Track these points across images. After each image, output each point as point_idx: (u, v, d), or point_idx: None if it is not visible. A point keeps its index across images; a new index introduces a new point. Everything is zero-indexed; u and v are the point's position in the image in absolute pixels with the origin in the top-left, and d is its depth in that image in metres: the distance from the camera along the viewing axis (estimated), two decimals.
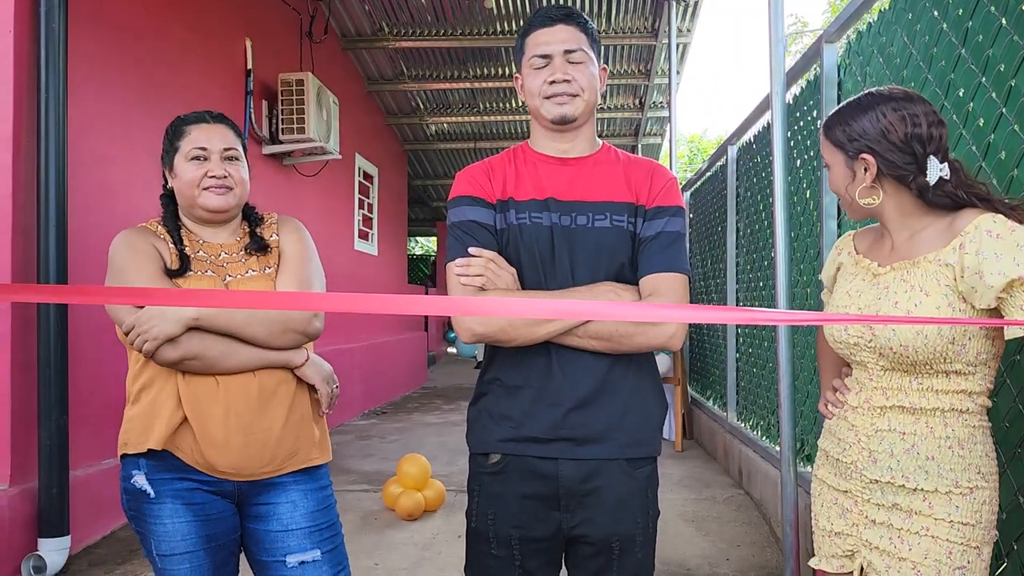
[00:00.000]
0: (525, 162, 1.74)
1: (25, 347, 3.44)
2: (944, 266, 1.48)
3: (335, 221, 8.00)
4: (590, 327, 1.58)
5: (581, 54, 1.67)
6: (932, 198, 1.53)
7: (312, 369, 1.86)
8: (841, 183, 1.63)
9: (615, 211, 1.66)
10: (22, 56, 3.45)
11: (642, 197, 1.69)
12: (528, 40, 1.71)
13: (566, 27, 1.68)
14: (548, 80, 1.66)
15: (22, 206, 3.43)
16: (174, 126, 1.87)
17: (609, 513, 1.65)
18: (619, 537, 1.66)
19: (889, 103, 1.55)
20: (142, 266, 1.73)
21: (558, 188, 1.68)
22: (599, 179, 1.70)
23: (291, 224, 1.95)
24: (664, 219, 1.67)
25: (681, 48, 8.44)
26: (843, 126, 1.59)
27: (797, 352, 3.84)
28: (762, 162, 4.70)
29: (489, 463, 1.69)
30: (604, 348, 1.61)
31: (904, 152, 1.52)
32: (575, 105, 1.67)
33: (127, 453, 1.78)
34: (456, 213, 1.69)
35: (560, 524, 1.66)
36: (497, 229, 1.68)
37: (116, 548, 3.76)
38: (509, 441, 1.66)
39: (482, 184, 1.70)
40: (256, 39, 5.92)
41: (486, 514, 1.69)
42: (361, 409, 8.45)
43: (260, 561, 1.85)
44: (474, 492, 1.73)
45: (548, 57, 1.67)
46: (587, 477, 1.64)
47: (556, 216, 1.66)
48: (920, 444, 1.52)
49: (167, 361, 1.68)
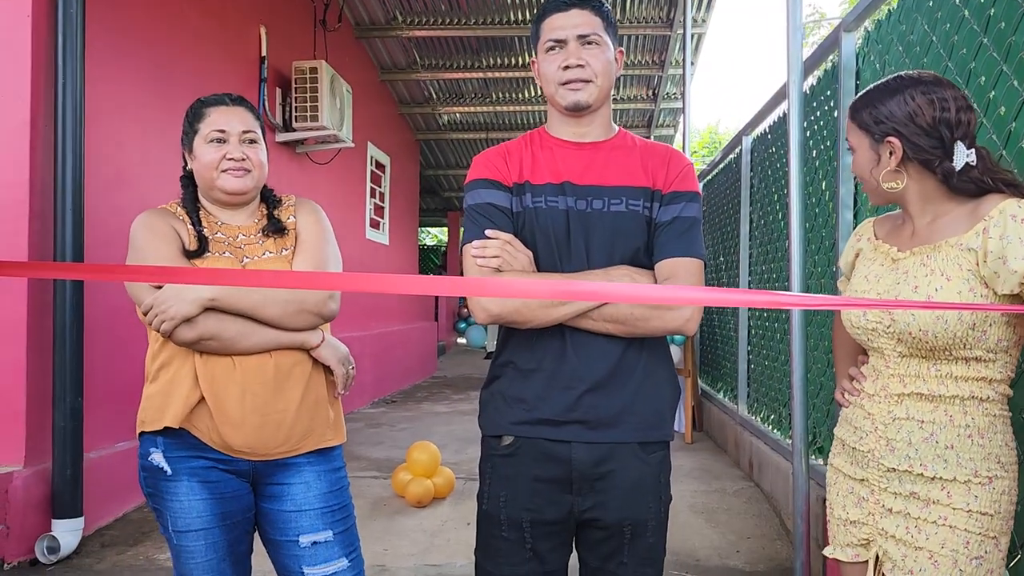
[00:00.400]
0: (542, 147, 1.74)
1: (41, 330, 3.47)
2: (966, 251, 1.47)
3: (347, 210, 8.01)
4: (605, 310, 1.58)
5: (596, 38, 1.66)
6: (957, 184, 1.51)
7: (328, 350, 1.86)
8: (865, 167, 1.61)
9: (631, 195, 1.66)
10: (40, 42, 3.46)
11: (659, 182, 1.68)
12: (543, 25, 1.70)
13: (580, 11, 1.67)
14: (562, 66, 1.66)
15: (39, 191, 3.45)
16: (194, 108, 1.88)
17: (621, 497, 1.64)
18: (631, 521, 1.66)
19: (918, 86, 1.53)
20: (161, 247, 1.74)
21: (574, 172, 1.68)
22: (615, 164, 1.70)
23: (309, 206, 1.96)
24: (681, 204, 1.67)
25: (696, 39, 8.40)
26: (870, 108, 1.58)
27: (810, 344, 3.82)
28: (777, 153, 4.67)
29: (502, 445, 1.69)
30: (619, 331, 1.61)
31: (931, 136, 1.50)
32: (589, 91, 1.67)
33: (145, 431, 1.79)
34: (473, 196, 1.69)
35: (572, 507, 1.66)
36: (513, 212, 1.67)
37: (129, 530, 3.78)
38: (522, 424, 1.66)
39: (498, 167, 1.70)
40: (270, 27, 5.92)
41: (498, 496, 1.69)
42: (371, 397, 8.47)
43: (273, 540, 1.87)
44: (486, 474, 1.73)
45: (562, 42, 1.66)
46: (600, 461, 1.64)
47: (572, 200, 1.66)
48: (939, 433, 1.51)
49: (184, 341, 1.69)
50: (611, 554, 1.68)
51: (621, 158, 1.71)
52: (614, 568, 1.68)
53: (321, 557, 1.83)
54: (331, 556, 1.84)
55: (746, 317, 5.55)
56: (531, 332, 1.65)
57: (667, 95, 10.11)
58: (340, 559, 1.86)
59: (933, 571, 1.49)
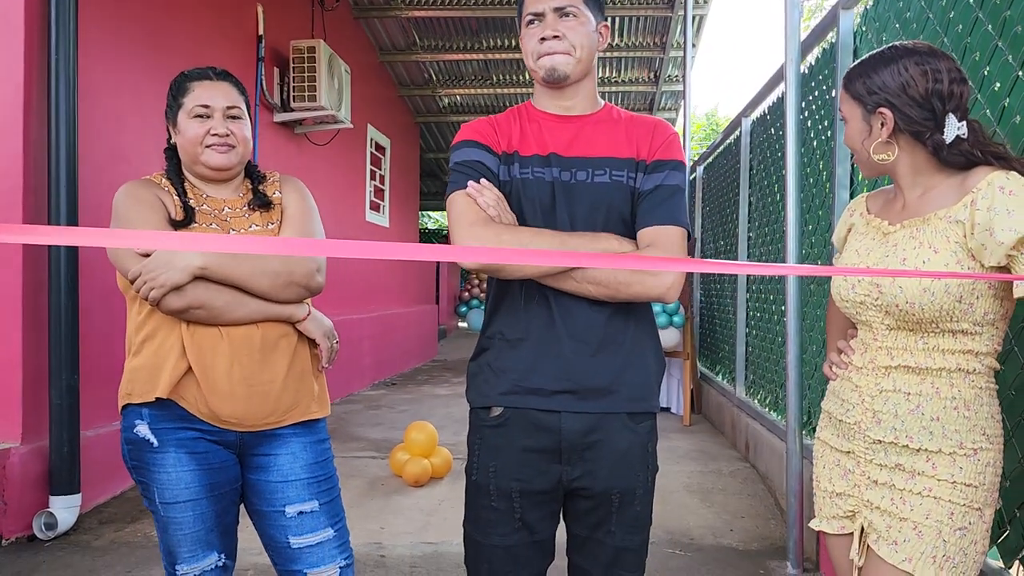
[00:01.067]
0: (529, 120, 1.74)
1: (36, 308, 3.47)
2: (954, 223, 1.46)
3: (346, 192, 8.00)
4: (588, 272, 1.58)
5: (573, 10, 1.65)
6: (947, 156, 1.50)
7: (313, 324, 1.88)
8: (857, 137, 1.60)
9: (615, 167, 1.66)
10: (33, 17, 3.45)
11: (643, 152, 1.68)
12: (525, 1, 1.70)
13: None
14: (539, 38, 1.66)
15: (33, 166, 3.44)
16: (177, 82, 1.87)
17: (610, 466, 1.65)
18: (619, 490, 1.66)
19: (912, 57, 1.52)
20: (146, 216, 1.73)
21: (560, 144, 1.69)
22: (600, 136, 1.70)
23: (293, 183, 1.97)
24: (664, 172, 1.66)
25: (697, 20, 8.36)
26: (863, 79, 1.57)
27: (806, 325, 3.82)
28: (776, 134, 4.66)
29: (491, 416, 1.69)
30: (601, 294, 1.60)
31: (923, 108, 1.49)
32: (566, 64, 1.66)
33: (131, 403, 1.79)
34: (461, 154, 1.69)
35: (560, 477, 1.66)
36: (500, 180, 1.68)
37: (126, 507, 3.81)
38: (511, 394, 1.66)
39: (487, 133, 1.71)
40: (268, 5, 5.89)
41: (487, 467, 1.69)
42: (371, 380, 8.49)
43: (259, 511, 1.88)
44: (474, 446, 1.73)
45: (540, 15, 1.66)
46: (589, 430, 1.64)
47: (557, 171, 1.66)
48: (925, 404, 1.51)
49: (172, 309, 1.69)
50: (599, 523, 1.69)
51: (606, 130, 1.71)
52: (601, 537, 1.69)
53: (307, 527, 1.85)
54: (317, 526, 1.86)
55: (744, 299, 5.55)
56: (518, 303, 1.65)
57: (669, 78, 10.07)
58: (326, 528, 1.87)
59: (917, 541, 1.49)
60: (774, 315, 4.70)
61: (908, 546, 1.50)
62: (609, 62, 9.86)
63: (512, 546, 1.68)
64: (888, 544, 1.53)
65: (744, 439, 5.07)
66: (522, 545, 1.68)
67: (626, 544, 1.69)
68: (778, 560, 3.25)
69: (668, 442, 5.53)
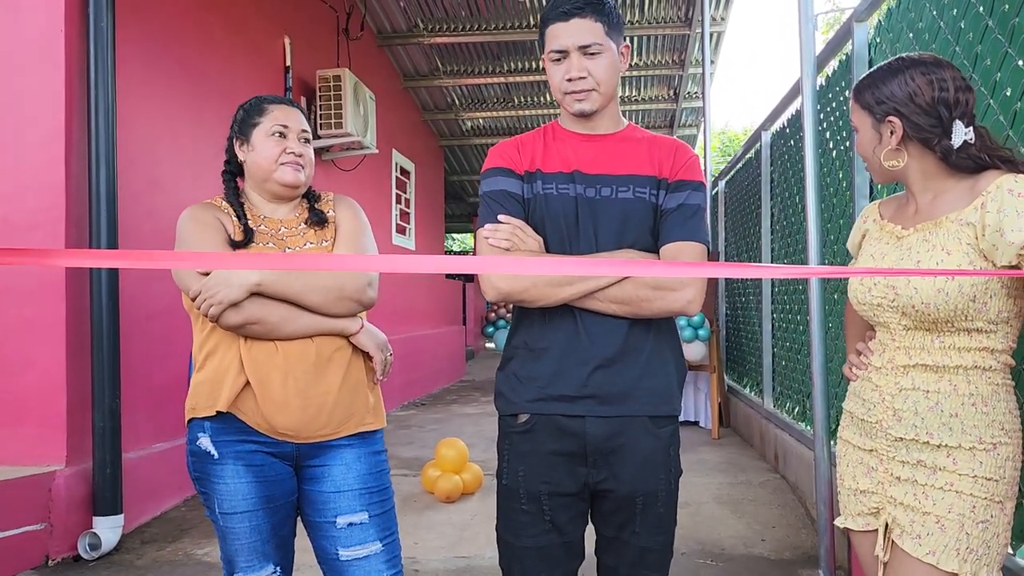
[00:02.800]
0: (555, 138, 1.82)
1: (79, 333, 3.59)
2: (965, 225, 1.51)
3: (373, 215, 8.10)
4: (610, 291, 1.65)
5: (597, 47, 1.70)
6: (955, 161, 1.56)
7: (366, 336, 1.95)
8: (868, 145, 1.67)
9: (638, 183, 1.73)
10: (72, 54, 3.60)
11: (664, 171, 1.75)
12: (547, 32, 1.75)
13: (581, 20, 1.70)
14: (565, 77, 1.72)
15: (75, 198, 3.58)
16: (253, 103, 1.97)
17: (633, 470, 1.71)
18: (642, 493, 1.72)
19: (918, 67, 1.59)
20: (207, 237, 1.83)
21: (584, 162, 1.75)
22: (624, 154, 1.77)
23: (347, 202, 2.07)
24: (686, 192, 1.74)
25: (715, 37, 8.42)
26: (872, 89, 1.64)
27: (831, 333, 3.84)
28: (795, 146, 4.70)
29: (518, 423, 1.76)
30: (624, 312, 1.68)
31: (930, 115, 1.56)
32: (592, 100, 1.74)
33: (195, 417, 1.87)
34: (487, 184, 1.78)
35: (586, 479, 1.73)
36: (524, 199, 1.75)
37: (167, 528, 3.90)
38: (537, 401, 1.73)
39: (511, 156, 1.78)
40: (294, 37, 6.05)
41: (516, 471, 1.76)
42: (400, 400, 8.57)
43: (313, 522, 1.93)
44: (504, 451, 1.80)
45: (564, 52, 1.71)
46: (613, 435, 1.70)
47: (581, 188, 1.73)
48: (944, 401, 1.56)
49: (230, 325, 1.78)
50: (624, 524, 1.74)
51: (629, 149, 1.78)
52: (627, 537, 1.75)
53: (356, 539, 1.89)
54: (365, 538, 1.89)
55: (769, 311, 5.56)
56: (542, 314, 1.72)
57: (688, 95, 10.14)
58: (374, 542, 1.90)
59: (940, 535, 1.53)
60: (799, 326, 4.72)
61: (931, 539, 1.54)
62: (629, 81, 9.95)
63: (544, 547, 1.74)
64: (912, 538, 1.56)
65: (773, 450, 5.07)
66: (553, 546, 1.74)
67: (650, 544, 1.75)
68: (810, 569, 3.26)
69: (697, 455, 5.54)
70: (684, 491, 4.52)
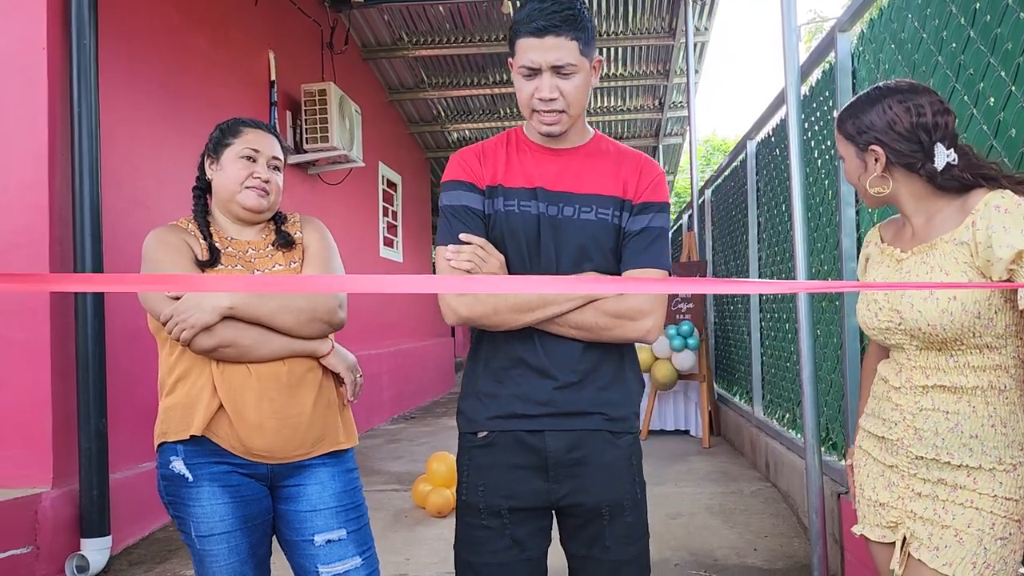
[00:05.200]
0: (518, 149, 1.76)
1: (64, 354, 3.56)
2: (960, 245, 1.54)
3: (360, 229, 8.11)
4: (571, 317, 1.64)
5: (571, 68, 1.63)
6: (941, 183, 1.59)
7: (336, 358, 1.95)
8: (854, 174, 1.71)
9: (601, 204, 1.70)
10: (55, 72, 3.57)
11: (629, 191, 1.72)
12: (517, 44, 1.66)
13: (556, 39, 1.61)
14: (536, 96, 1.65)
15: (58, 217, 3.55)
16: (230, 124, 1.97)
17: (596, 481, 1.69)
18: (607, 503, 1.70)
19: (895, 95, 1.62)
20: (174, 259, 1.82)
21: (547, 178, 1.72)
22: (588, 171, 1.73)
23: (313, 223, 2.07)
24: (650, 215, 1.71)
25: (699, 47, 8.47)
26: (852, 119, 1.67)
27: (820, 342, 3.85)
28: (780, 155, 4.72)
29: (478, 438, 1.74)
30: (583, 337, 1.67)
31: (911, 141, 1.59)
32: (561, 124, 1.68)
33: (166, 441, 1.85)
34: (449, 196, 1.73)
35: (549, 494, 1.70)
36: (485, 214, 1.72)
37: (155, 548, 3.86)
38: (496, 418, 1.71)
39: (473, 168, 1.74)
40: (279, 51, 6.04)
41: (476, 486, 1.73)
42: (390, 414, 8.54)
43: (290, 541, 1.93)
44: (464, 467, 1.77)
45: (536, 70, 1.64)
46: (572, 447, 1.69)
47: (544, 206, 1.69)
48: (964, 423, 1.57)
49: (203, 349, 1.77)
50: (593, 539, 1.72)
51: (595, 164, 1.74)
52: (598, 553, 1.71)
53: (335, 555, 1.89)
54: (345, 554, 1.90)
55: (758, 320, 5.58)
56: (503, 333, 1.70)
57: (673, 104, 10.19)
58: (354, 557, 1.91)
59: (958, 548, 1.54)
60: (788, 334, 4.73)
61: (949, 552, 1.55)
62: (614, 91, 9.99)
63: (504, 564, 1.71)
64: (929, 550, 1.58)
65: (764, 459, 5.07)
66: (514, 563, 1.71)
67: (622, 557, 1.71)
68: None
69: (688, 464, 5.54)
70: (676, 501, 4.53)
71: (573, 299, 1.63)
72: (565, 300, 1.63)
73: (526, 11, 1.64)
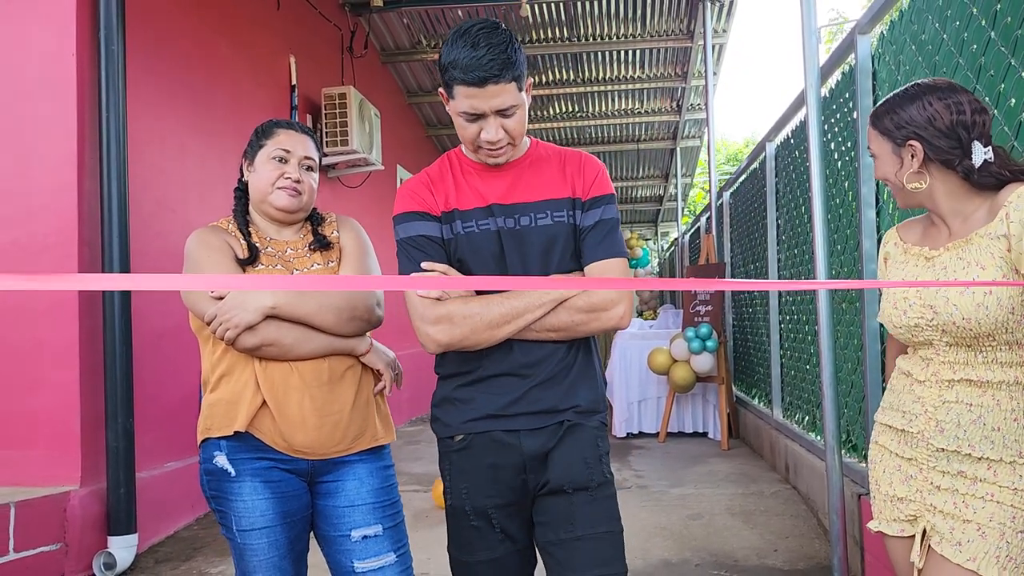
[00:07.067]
0: (463, 171, 1.80)
1: (93, 354, 3.62)
2: (996, 238, 1.55)
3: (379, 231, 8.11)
4: (546, 321, 1.68)
5: (512, 108, 1.66)
6: (977, 180, 1.60)
7: (375, 355, 2.00)
8: (890, 170, 1.71)
9: (555, 208, 1.75)
10: (84, 78, 3.64)
11: (578, 190, 1.77)
12: (456, 90, 1.64)
13: (496, 86, 1.61)
14: (484, 138, 1.67)
15: (87, 220, 3.61)
16: (265, 125, 2.01)
17: (563, 460, 1.73)
18: (571, 481, 1.72)
19: (935, 92, 1.63)
20: (217, 260, 1.87)
21: (498, 194, 1.76)
22: (536, 179, 1.78)
23: (349, 223, 2.11)
24: (601, 208, 1.76)
25: (717, 49, 8.47)
26: (891, 115, 1.68)
27: (840, 343, 3.85)
28: (800, 157, 4.72)
29: (455, 441, 1.78)
30: (559, 337, 1.72)
31: (950, 138, 1.60)
32: (508, 154, 1.73)
33: (210, 436, 1.89)
34: (405, 228, 1.76)
35: (527, 485, 1.75)
36: (444, 239, 1.75)
37: (180, 547, 3.91)
38: (472, 421, 1.75)
39: (425, 198, 1.77)
40: (299, 56, 6.11)
41: (460, 489, 1.78)
42: (408, 416, 8.58)
43: (327, 536, 1.96)
44: (445, 472, 1.82)
45: (480, 115, 1.65)
46: (546, 441, 1.74)
47: (501, 220, 1.73)
48: (987, 415, 1.59)
49: (246, 347, 1.81)
50: (560, 520, 1.72)
51: (540, 171, 1.79)
52: (564, 534, 1.71)
53: (371, 551, 1.93)
54: (380, 550, 1.94)
55: (777, 321, 5.57)
56: None
57: (691, 106, 10.18)
58: (388, 553, 1.95)
59: (981, 542, 1.56)
60: (807, 335, 4.73)
61: (972, 546, 1.57)
62: (632, 93, 10.00)
63: (498, 558, 1.77)
64: (952, 545, 1.59)
65: (784, 461, 5.07)
66: (508, 555, 1.78)
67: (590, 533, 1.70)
68: None
69: (707, 466, 5.54)
70: (695, 502, 4.54)
71: (544, 304, 1.67)
72: (537, 307, 1.67)
73: (462, 60, 1.60)
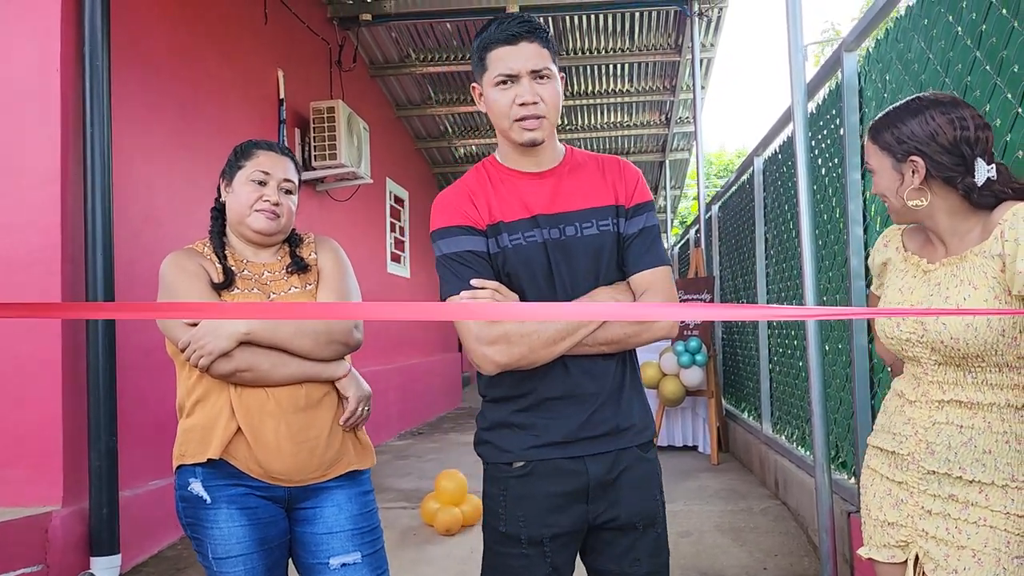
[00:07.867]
0: (502, 180, 1.74)
1: (75, 372, 3.57)
2: (990, 258, 1.51)
3: (368, 245, 8.14)
4: (599, 335, 1.65)
5: (547, 71, 1.65)
6: (978, 199, 1.56)
7: (350, 382, 1.96)
8: (890, 186, 1.65)
9: (599, 216, 1.72)
10: (68, 92, 3.61)
11: (621, 197, 1.74)
12: (489, 56, 1.66)
13: (530, 44, 1.63)
14: (517, 102, 1.64)
15: (71, 235, 3.57)
16: (244, 146, 1.99)
17: (633, 495, 1.72)
18: (641, 517, 1.73)
19: (937, 107, 1.58)
20: (192, 284, 1.84)
21: (542, 203, 1.71)
22: (578, 186, 1.74)
23: (328, 244, 2.08)
24: (644, 215, 1.74)
25: (705, 63, 8.49)
26: (892, 129, 1.62)
27: (828, 359, 3.85)
28: (787, 172, 4.73)
29: (514, 467, 1.72)
30: (613, 350, 1.69)
31: (953, 154, 1.55)
32: (543, 129, 1.67)
33: (184, 463, 1.86)
34: (448, 244, 1.69)
35: (586, 516, 1.71)
36: (490, 254, 1.69)
37: (164, 566, 3.86)
38: (532, 448, 1.70)
39: (468, 211, 1.70)
40: (287, 69, 6.09)
41: (516, 517, 1.70)
42: (397, 430, 8.53)
43: (306, 564, 1.93)
44: (499, 497, 1.73)
45: (515, 76, 1.64)
46: (611, 467, 1.71)
47: (547, 231, 1.69)
48: (977, 438, 1.56)
49: (221, 374, 1.78)
50: (624, 552, 1.73)
51: (581, 178, 1.75)
52: (628, 567, 1.72)
53: None
54: None
55: (766, 336, 5.57)
56: None
57: (680, 119, 10.21)
58: None
59: (977, 569, 1.53)
60: (796, 350, 4.72)
61: (968, 573, 1.54)
62: (620, 106, 10.03)
63: None
64: (948, 572, 1.57)
65: (773, 476, 5.05)
66: None
67: (652, 569, 1.74)
68: None
69: (697, 481, 5.52)
70: (685, 519, 4.51)
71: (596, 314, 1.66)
72: (590, 320, 1.64)
73: (493, 27, 1.67)
